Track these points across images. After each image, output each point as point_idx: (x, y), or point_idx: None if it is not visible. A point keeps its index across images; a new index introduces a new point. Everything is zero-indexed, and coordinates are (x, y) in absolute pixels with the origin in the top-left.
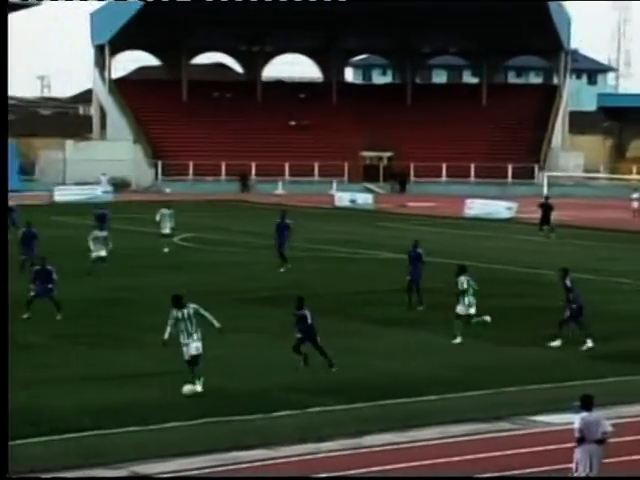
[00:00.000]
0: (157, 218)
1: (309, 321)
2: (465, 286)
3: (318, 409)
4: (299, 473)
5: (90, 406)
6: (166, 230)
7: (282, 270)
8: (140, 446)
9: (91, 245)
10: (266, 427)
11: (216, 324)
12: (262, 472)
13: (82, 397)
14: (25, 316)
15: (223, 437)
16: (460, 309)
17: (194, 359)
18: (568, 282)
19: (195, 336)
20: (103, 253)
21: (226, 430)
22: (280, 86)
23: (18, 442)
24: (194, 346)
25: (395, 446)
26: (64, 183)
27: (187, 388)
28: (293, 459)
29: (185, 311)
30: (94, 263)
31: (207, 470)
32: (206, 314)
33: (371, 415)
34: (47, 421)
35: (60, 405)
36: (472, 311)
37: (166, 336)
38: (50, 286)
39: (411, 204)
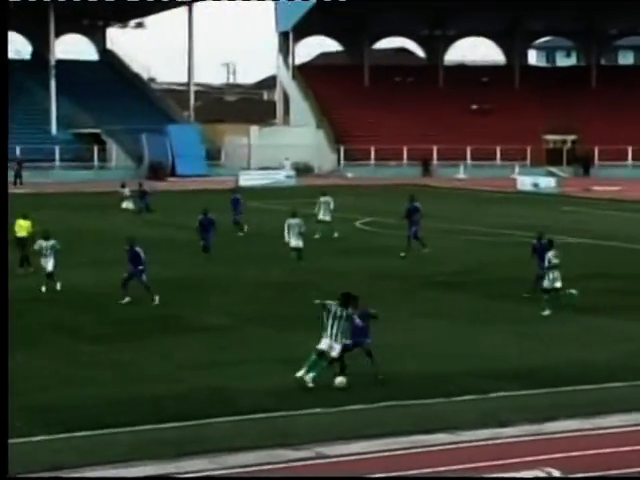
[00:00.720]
0: (316, 208)
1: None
2: (554, 261)
3: (500, 394)
4: (480, 458)
5: (273, 388)
6: (326, 217)
7: (426, 251)
8: (323, 428)
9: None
10: (446, 412)
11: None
12: (444, 456)
13: (266, 378)
14: (125, 300)
15: (403, 421)
16: (546, 283)
17: (321, 353)
18: None
19: (332, 335)
20: (300, 244)
21: (406, 414)
22: (462, 70)
23: (208, 421)
24: (325, 342)
25: (578, 433)
26: (249, 168)
27: (338, 380)
28: (474, 444)
29: (339, 311)
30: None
31: (387, 453)
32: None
33: (554, 401)
34: (235, 401)
35: (245, 386)
36: (557, 285)
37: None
38: (140, 267)
39: (596, 188)
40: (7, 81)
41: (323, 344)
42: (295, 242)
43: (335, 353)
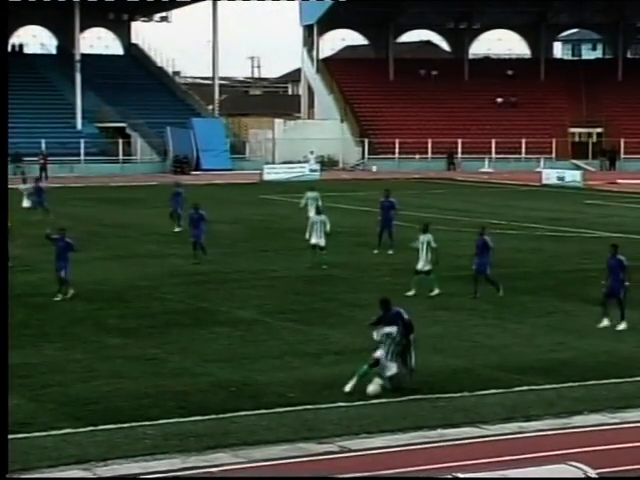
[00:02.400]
0: (302, 203)
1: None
2: (433, 245)
3: (526, 388)
4: (506, 451)
5: (298, 381)
6: (312, 213)
7: (390, 252)
8: (347, 421)
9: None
10: (472, 405)
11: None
12: (469, 450)
13: (290, 372)
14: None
15: (429, 414)
16: (420, 265)
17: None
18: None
19: (388, 353)
20: (322, 242)
21: (432, 407)
22: (487, 63)
23: (233, 415)
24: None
25: (604, 427)
26: (273, 162)
27: (371, 388)
28: (500, 437)
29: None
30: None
31: (412, 447)
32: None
33: (581, 395)
34: (260, 395)
35: (270, 380)
36: (427, 268)
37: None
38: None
39: (621, 181)
40: (7, 80)
41: (378, 353)
42: (316, 239)
43: (390, 373)
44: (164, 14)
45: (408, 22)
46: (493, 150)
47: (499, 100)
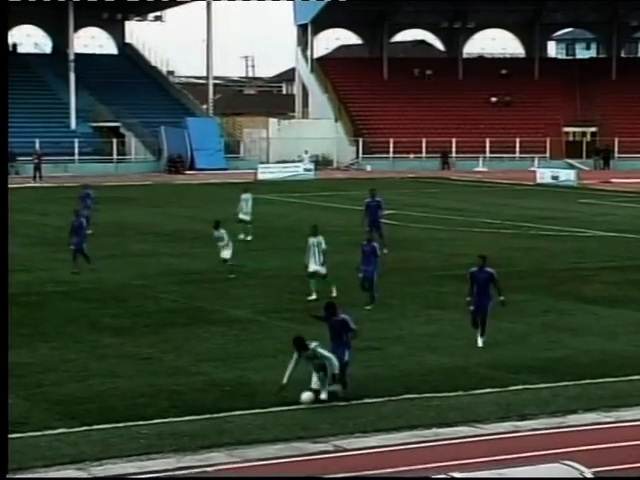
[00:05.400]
0: (238, 207)
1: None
2: (324, 247)
3: (521, 387)
4: (501, 450)
5: (293, 381)
6: (247, 216)
7: (385, 252)
8: (342, 421)
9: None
10: (467, 404)
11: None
12: (464, 449)
13: (284, 371)
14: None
15: (424, 413)
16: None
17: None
18: None
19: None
20: (322, 270)
21: (427, 406)
22: (481, 62)
23: (227, 414)
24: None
25: (599, 426)
26: (267, 161)
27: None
28: (495, 437)
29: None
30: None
31: (406, 446)
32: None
33: (575, 394)
34: (255, 394)
35: (264, 379)
36: (323, 272)
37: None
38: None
39: (615, 180)
40: (7, 81)
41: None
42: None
43: (324, 396)
44: (158, 13)
45: (402, 21)
46: (487, 149)
47: (493, 99)
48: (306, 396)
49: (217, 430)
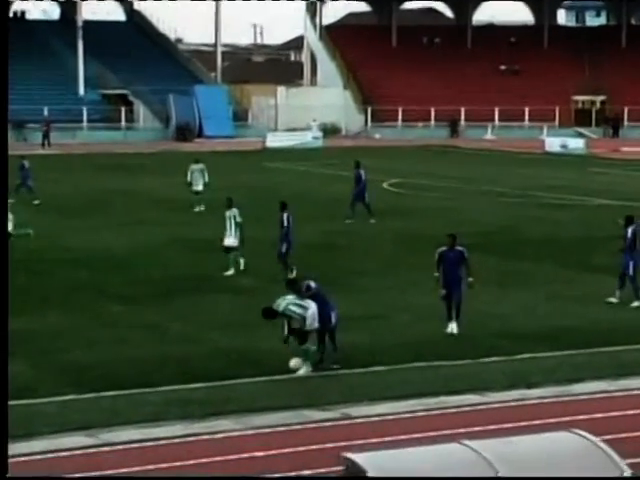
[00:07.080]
0: (188, 177)
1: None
2: (231, 221)
3: (527, 355)
4: (508, 419)
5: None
6: (198, 187)
7: (372, 221)
8: (349, 389)
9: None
10: (474, 373)
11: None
12: (471, 417)
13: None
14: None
15: (431, 381)
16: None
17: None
18: None
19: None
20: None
21: (434, 375)
22: (491, 30)
23: (235, 381)
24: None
25: (605, 394)
26: (276, 129)
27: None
28: (502, 405)
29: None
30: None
31: (413, 414)
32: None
33: (582, 362)
34: (262, 362)
35: (272, 347)
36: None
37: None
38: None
39: (625, 149)
40: (7, 81)
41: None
42: (228, 240)
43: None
44: None
45: None
46: (496, 117)
47: (502, 67)
48: (294, 362)
49: (224, 397)
